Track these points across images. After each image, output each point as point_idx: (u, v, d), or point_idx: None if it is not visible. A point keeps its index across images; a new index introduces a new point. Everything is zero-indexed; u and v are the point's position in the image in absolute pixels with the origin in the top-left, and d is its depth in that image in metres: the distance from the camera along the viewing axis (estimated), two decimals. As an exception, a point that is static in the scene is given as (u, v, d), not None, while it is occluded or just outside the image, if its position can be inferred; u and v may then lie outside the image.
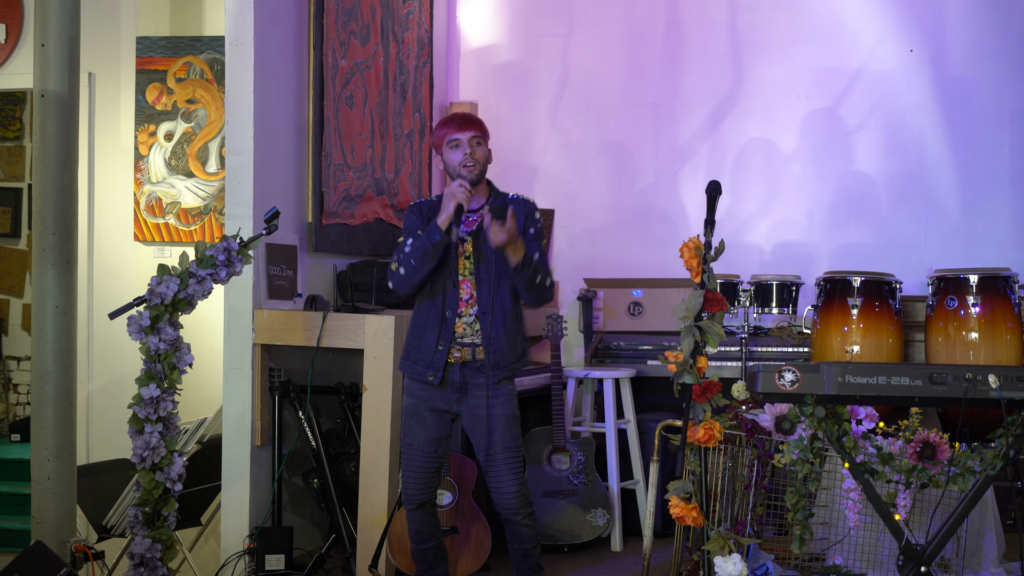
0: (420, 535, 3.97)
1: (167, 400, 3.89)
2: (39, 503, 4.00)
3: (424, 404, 3.89)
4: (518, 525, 3.90)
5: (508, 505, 3.86)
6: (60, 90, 4.01)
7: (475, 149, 3.85)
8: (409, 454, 3.91)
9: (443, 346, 3.83)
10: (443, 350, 3.84)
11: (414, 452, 3.90)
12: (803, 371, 3.29)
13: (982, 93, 5.73)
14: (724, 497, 4.24)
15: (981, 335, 4.88)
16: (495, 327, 3.82)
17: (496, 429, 3.83)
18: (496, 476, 3.86)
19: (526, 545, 3.92)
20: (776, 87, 6.00)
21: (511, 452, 3.86)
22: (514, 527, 3.91)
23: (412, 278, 3.81)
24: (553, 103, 6.27)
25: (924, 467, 3.45)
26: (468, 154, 3.83)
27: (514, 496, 3.86)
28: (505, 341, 3.85)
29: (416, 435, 3.90)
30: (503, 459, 3.84)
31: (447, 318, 3.83)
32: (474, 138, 3.87)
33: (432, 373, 3.85)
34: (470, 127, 3.87)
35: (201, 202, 5.77)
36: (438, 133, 3.91)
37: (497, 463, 3.84)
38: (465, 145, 3.85)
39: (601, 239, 6.20)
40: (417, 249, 3.78)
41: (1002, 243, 5.64)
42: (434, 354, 3.84)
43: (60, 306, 4.00)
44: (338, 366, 4.87)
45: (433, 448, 3.90)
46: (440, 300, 3.84)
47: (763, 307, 5.43)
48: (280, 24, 4.72)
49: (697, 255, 3.48)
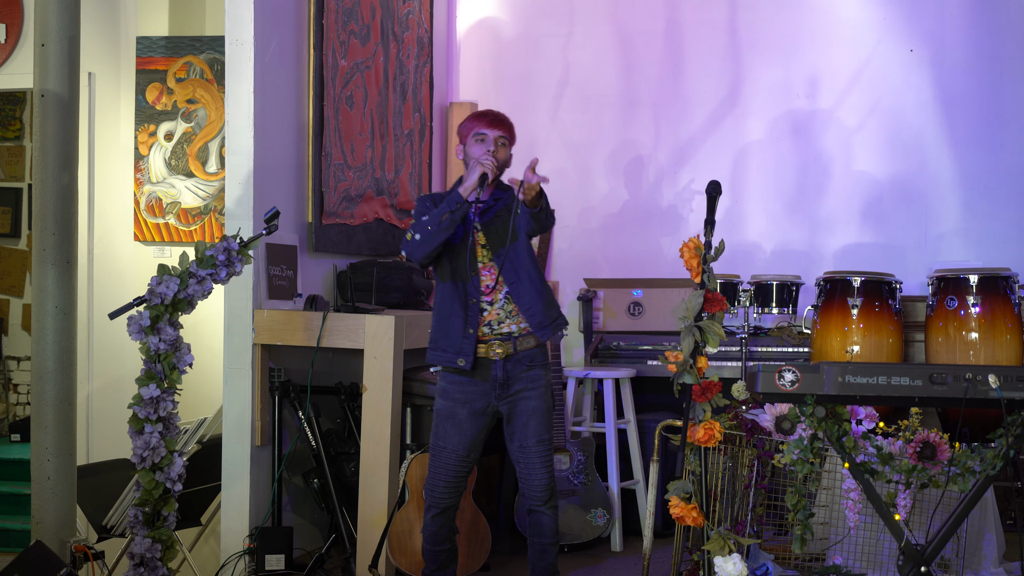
0: (437, 537, 3.94)
1: (167, 400, 3.89)
2: (39, 503, 4.00)
3: (462, 407, 3.86)
4: (543, 515, 3.90)
5: (538, 496, 3.88)
6: (60, 90, 4.01)
7: (499, 148, 3.89)
8: (441, 457, 3.87)
9: (472, 331, 3.82)
10: (472, 335, 3.82)
11: (447, 456, 3.87)
12: (803, 371, 3.29)
13: (982, 93, 5.73)
14: (724, 497, 4.24)
15: (981, 335, 4.88)
16: (529, 292, 3.85)
17: (531, 421, 3.86)
18: (528, 467, 3.87)
19: (546, 540, 3.92)
20: (776, 87, 6.00)
21: (544, 445, 3.88)
22: (538, 518, 3.91)
23: (428, 244, 3.78)
24: (553, 103, 6.27)
25: (924, 467, 3.45)
26: (491, 151, 3.86)
27: (544, 488, 3.87)
28: (540, 301, 3.88)
29: (450, 438, 3.86)
30: (536, 451, 3.86)
31: (471, 305, 3.83)
32: (500, 138, 3.91)
33: (462, 358, 3.82)
34: (500, 126, 3.92)
35: (201, 202, 5.77)
36: (468, 124, 3.96)
37: (530, 455, 3.86)
38: (490, 142, 3.89)
39: (601, 239, 6.20)
40: (436, 216, 3.78)
41: (1002, 243, 5.64)
42: (462, 340, 3.82)
43: (60, 306, 4.00)
44: (338, 366, 4.87)
45: (467, 452, 3.88)
46: (462, 287, 3.84)
47: (763, 307, 5.43)
48: (280, 24, 4.72)
49: (697, 255, 3.48)
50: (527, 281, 3.86)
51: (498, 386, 3.85)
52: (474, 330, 3.82)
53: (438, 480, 3.88)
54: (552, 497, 3.91)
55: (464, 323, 3.82)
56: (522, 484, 3.93)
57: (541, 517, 3.90)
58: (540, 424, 3.88)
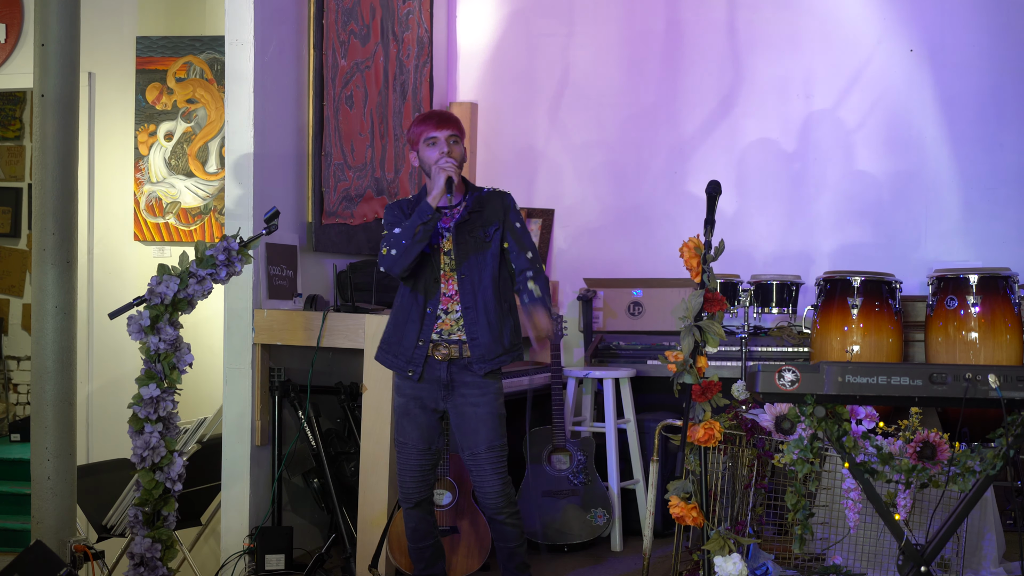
0: (417, 533, 3.98)
1: (167, 400, 3.89)
2: (39, 503, 4.00)
3: (414, 402, 3.89)
4: (502, 524, 3.90)
5: (491, 505, 3.87)
6: (60, 90, 4.01)
7: (452, 148, 3.85)
8: (404, 453, 3.92)
9: (423, 342, 3.83)
10: (423, 346, 3.83)
11: (408, 450, 3.91)
12: (803, 371, 3.29)
13: (982, 93, 5.72)
14: (724, 497, 4.24)
15: (981, 335, 4.88)
16: (479, 322, 3.82)
17: (481, 428, 3.84)
18: (479, 475, 3.86)
19: (511, 544, 3.93)
20: (776, 87, 6.00)
21: (495, 452, 3.86)
22: (498, 526, 3.92)
23: (404, 258, 3.77)
24: (553, 103, 6.27)
25: (924, 467, 3.45)
26: (445, 153, 3.83)
27: (497, 496, 3.86)
28: (489, 335, 3.83)
29: (409, 434, 3.90)
30: (487, 458, 3.85)
31: (427, 314, 3.83)
32: (451, 136, 3.87)
33: (412, 369, 3.85)
34: (448, 125, 3.87)
35: (201, 202, 5.77)
36: (415, 130, 3.90)
37: (480, 462, 3.85)
38: (443, 143, 3.85)
39: (601, 239, 6.19)
40: (408, 229, 3.76)
41: (1002, 243, 5.64)
42: (414, 350, 3.84)
43: (60, 306, 4.00)
44: (338, 366, 4.87)
45: (426, 445, 3.90)
46: (422, 297, 3.84)
47: (763, 307, 5.43)
48: (280, 24, 4.72)
49: (697, 255, 3.48)
50: (482, 310, 3.83)
51: (441, 387, 3.86)
52: (425, 342, 3.83)
53: (405, 475, 3.91)
54: (509, 504, 3.89)
55: (418, 334, 3.83)
56: (477, 493, 3.93)
57: (502, 526, 3.91)
58: (491, 431, 3.85)
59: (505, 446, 3.91)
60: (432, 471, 3.95)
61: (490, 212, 3.89)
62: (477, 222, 3.87)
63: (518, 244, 3.89)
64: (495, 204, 3.91)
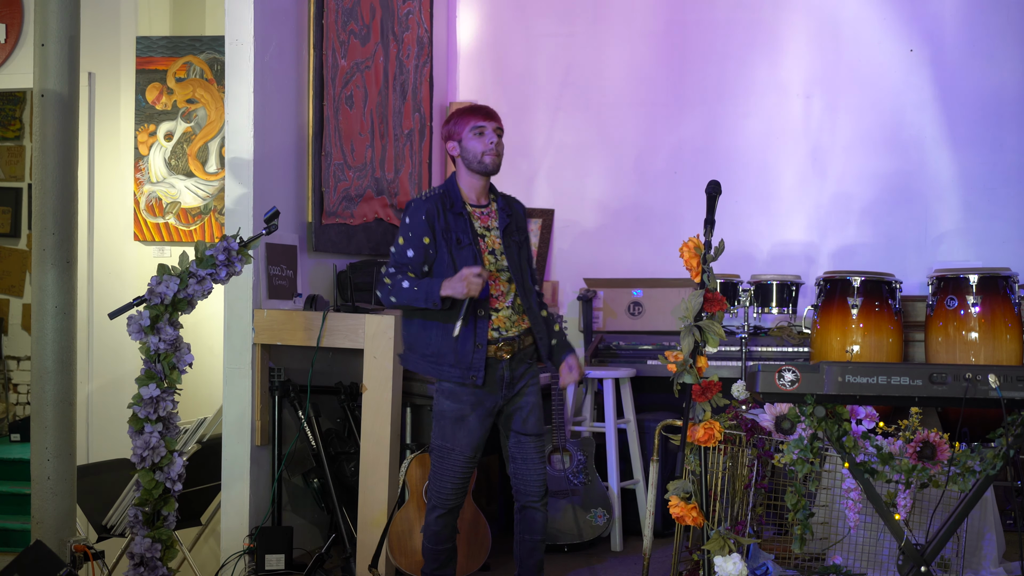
0: (440, 537, 3.92)
1: (167, 400, 3.89)
2: (39, 503, 4.00)
3: (472, 410, 3.82)
4: (537, 511, 3.91)
5: (532, 492, 3.89)
6: (60, 90, 4.01)
7: (499, 140, 3.85)
8: (450, 459, 3.83)
9: (481, 345, 3.78)
10: (482, 349, 3.78)
11: (455, 457, 3.83)
12: (803, 371, 3.29)
13: (982, 93, 5.73)
14: (724, 497, 4.24)
15: (981, 335, 4.88)
16: (537, 321, 3.92)
17: (531, 417, 3.89)
18: (527, 462, 3.88)
19: (537, 536, 3.93)
20: (776, 87, 6.00)
21: (541, 440, 3.92)
22: (532, 514, 3.91)
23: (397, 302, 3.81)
24: (553, 103, 6.27)
25: (924, 467, 3.45)
26: (493, 144, 3.81)
27: (540, 483, 3.89)
28: (545, 325, 3.97)
29: (459, 440, 3.82)
30: (534, 446, 3.89)
31: (481, 315, 3.78)
32: (499, 129, 3.87)
33: (474, 374, 3.77)
34: (495, 118, 3.88)
35: (201, 202, 5.77)
36: (460, 120, 3.85)
37: (527, 449, 3.88)
38: (491, 134, 3.82)
39: (601, 239, 6.19)
40: (410, 297, 3.75)
41: (1002, 243, 5.64)
42: (473, 355, 3.77)
43: (60, 306, 4.00)
44: (338, 366, 4.87)
45: (473, 453, 3.85)
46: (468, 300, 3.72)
47: (763, 307, 5.43)
48: (280, 24, 4.72)
49: (697, 255, 3.48)
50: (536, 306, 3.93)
51: (504, 385, 3.85)
52: (483, 344, 3.78)
53: (445, 482, 3.84)
54: (547, 493, 3.94)
55: (474, 337, 3.77)
56: (517, 481, 3.91)
57: (535, 513, 3.92)
58: (538, 419, 3.92)
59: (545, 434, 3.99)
60: (470, 478, 3.93)
61: (516, 217, 3.96)
62: (514, 224, 3.94)
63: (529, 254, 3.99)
64: (518, 210, 3.99)
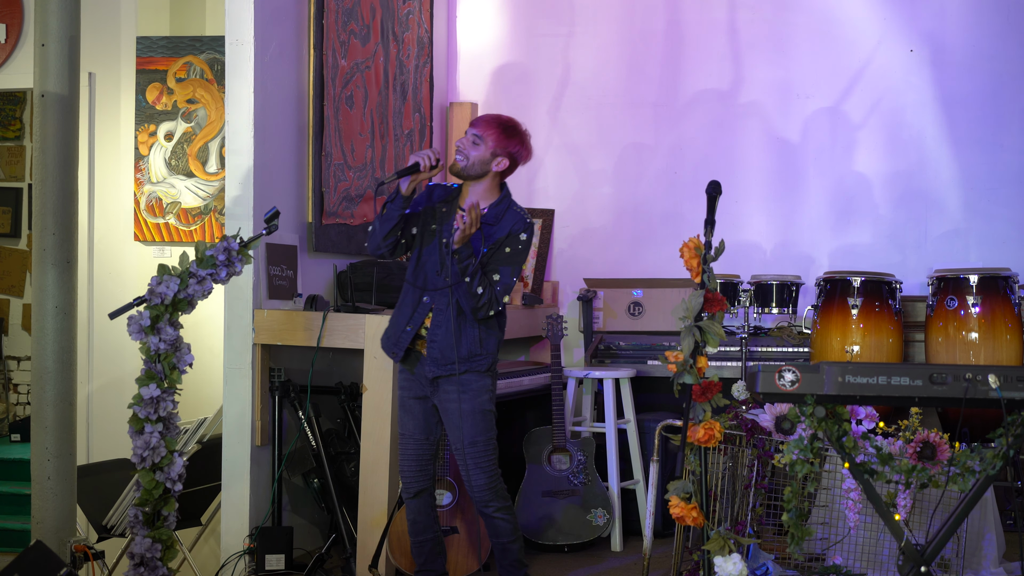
0: (417, 526, 4.03)
1: (167, 400, 3.89)
2: (39, 503, 4.00)
3: (408, 393, 3.99)
4: (491, 519, 3.96)
5: (478, 499, 3.94)
6: (60, 90, 4.01)
7: (467, 144, 3.94)
8: (403, 443, 4.02)
9: (411, 328, 3.91)
10: (409, 332, 3.91)
11: (407, 441, 4.01)
12: (803, 371, 3.29)
13: (982, 93, 5.72)
14: (724, 497, 4.24)
15: (981, 335, 4.88)
16: (442, 325, 3.87)
17: (464, 424, 3.89)
18: (463, 470, 3.94)
19: (503, 540, 3.99)
20: (776, 87, 6.00)
21: (477, 447, 3.90)
22: (489, 520, 3.98)
23: (376, 236, 3.90)
24: (553, 103, 6.27)
25: (924, 467, 3.45)
26: (459, 147, 3.96)
27: (483, 490, 3.92)
28: (449, 339, 3.85)
29: (406, 425, 4.00)
30: (469, 454, 3.90)
31: (423, 303, 3.91)
32: (475, 136, 3.93)
33: (395, 351, 3.96)
34: (474, 125, 3.97)
35: (201, 202, 5.77)
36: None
37: (463, 457, 3.91)
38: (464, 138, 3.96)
39: (601, 239, 6.19)
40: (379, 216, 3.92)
41: (1002, 243, 5.64)
42: (401, 333, 3.94)
43: (60, 306, 4.00)
44: (338, 366, 4.87)
45: (424, 436, 3.98)
46: (422, 282, 3.91)
47: (763, 307, 5.43)
48: (280, 24, 4.72)
49: (697, 255, 3.48)
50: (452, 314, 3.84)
51: (427, 382, 3.93)
52: (413, 328, 3.91)
53: (404, 465, 4.01)
54: (496, 498, 3.94)
55: (409, 318, 3.92)
56: (466, 487, 4.01)
57: (491, 520, 3.97)
58: (473, 426, 3.89)
59: (491, 441, 3.94)
60: (431, 462, 4.02)
61: (499, 228, 3.92)
62: (485, 232, 3.90)
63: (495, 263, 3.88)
64: (506, 223, 3.93)
